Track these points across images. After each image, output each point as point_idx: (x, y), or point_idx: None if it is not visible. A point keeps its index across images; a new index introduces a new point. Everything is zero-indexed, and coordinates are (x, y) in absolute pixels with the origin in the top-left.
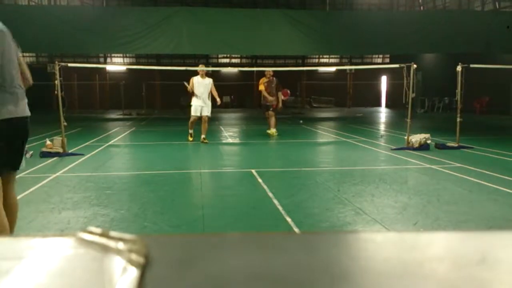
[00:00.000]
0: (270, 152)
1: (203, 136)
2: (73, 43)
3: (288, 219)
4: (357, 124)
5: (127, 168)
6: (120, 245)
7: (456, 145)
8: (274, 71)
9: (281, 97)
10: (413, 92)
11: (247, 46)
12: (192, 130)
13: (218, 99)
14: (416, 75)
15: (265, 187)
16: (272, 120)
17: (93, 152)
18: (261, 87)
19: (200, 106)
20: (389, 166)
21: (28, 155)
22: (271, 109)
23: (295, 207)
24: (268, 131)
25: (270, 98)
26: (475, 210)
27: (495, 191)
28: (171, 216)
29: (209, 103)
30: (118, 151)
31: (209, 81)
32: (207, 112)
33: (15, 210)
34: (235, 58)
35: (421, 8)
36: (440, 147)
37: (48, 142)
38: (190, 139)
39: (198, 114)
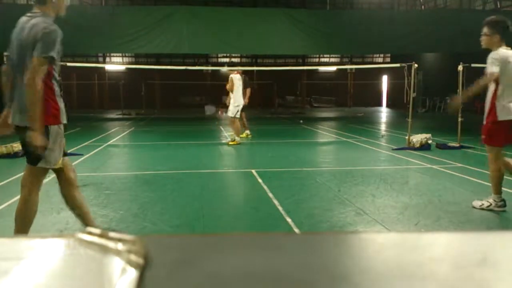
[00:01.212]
0: (270, 152)
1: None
2: (72, 43)
3: (288, 220)
4: (358, 124)
5: (127, 168)
6: (119, 246)
7: (457, 145)
8: (275, 71)
9: (248, 93)
10: (414, 91)
11: (247, 45)
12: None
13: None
14: (417, 74)
15: (265, 187)
16: (243, 121)
17: (92, 152)
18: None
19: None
20: (390, 166)
21: None
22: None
23: (295, 207)
24: (241, 135)
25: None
26: (476, 211)
27: None
28: (171, 216)
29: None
30: (117, 151)
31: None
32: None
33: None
34: (235, 57)
35: (422, 7)
36: (441, 147)
37: None
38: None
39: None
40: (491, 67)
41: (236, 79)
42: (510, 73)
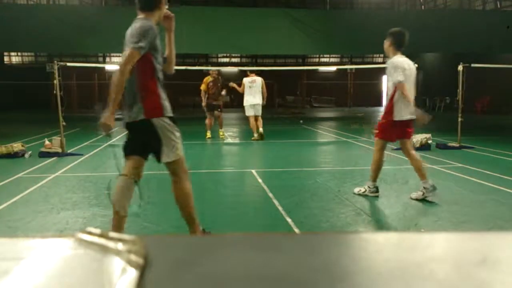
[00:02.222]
0: (270, 152)
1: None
2: (72, 43)
3: (288, 220)
4: (358, 124)
5: None
6: (120, 246)
7: (457, 145)
8: (275, 71)
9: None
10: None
11: (247, 45)
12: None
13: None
14: (417, 74)
15: (265, 187)
16: (220, 121)
17: (92, 152)
18: (203, 87)
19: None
20: (390, 166)
21: (27, 155)
22: (218, 109)
23: (295, 207)
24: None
25: (216, 99)
26: (476, 211)
27: (496, 191)
28: (171, 217)
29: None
30: (117, 151)
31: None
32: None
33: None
34: (235, 57)
35: (422, 7)
36: (441, 147)
37: (47, 142)
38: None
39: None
40: (397, 76)
41: (247, 82)
42: (405, 79)
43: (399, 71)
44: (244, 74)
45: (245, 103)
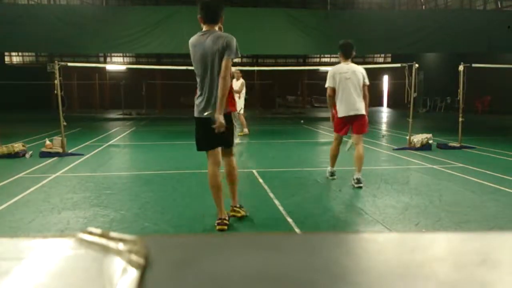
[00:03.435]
0: (271, 152)
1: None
2: (73, 43)
3: (289, 220)
4: None
5: (127, 168)
6: (120, 246)
7: (458, 145)
8: (275, 71)
9: None
10: (415, 91)
11: (248, 45)
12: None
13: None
14: (418, 74)
15: (266, 187)
16: None
17: (93, 152)
18: None
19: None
20: (391, 166)
21: (27, 155)
22: None
23: (296, 207)
24: None
25: None
26: (477, 211)
27: (497, 192)
28: (172, 216)
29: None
30: (118, 151)
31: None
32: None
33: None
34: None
35: (423, 7)
36: (442, 147)
37: (48, 142)
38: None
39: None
40: (327, 82)
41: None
42: (341, 82)
43: (329, 78)
44: (246, 74)
45: (243, 102)
